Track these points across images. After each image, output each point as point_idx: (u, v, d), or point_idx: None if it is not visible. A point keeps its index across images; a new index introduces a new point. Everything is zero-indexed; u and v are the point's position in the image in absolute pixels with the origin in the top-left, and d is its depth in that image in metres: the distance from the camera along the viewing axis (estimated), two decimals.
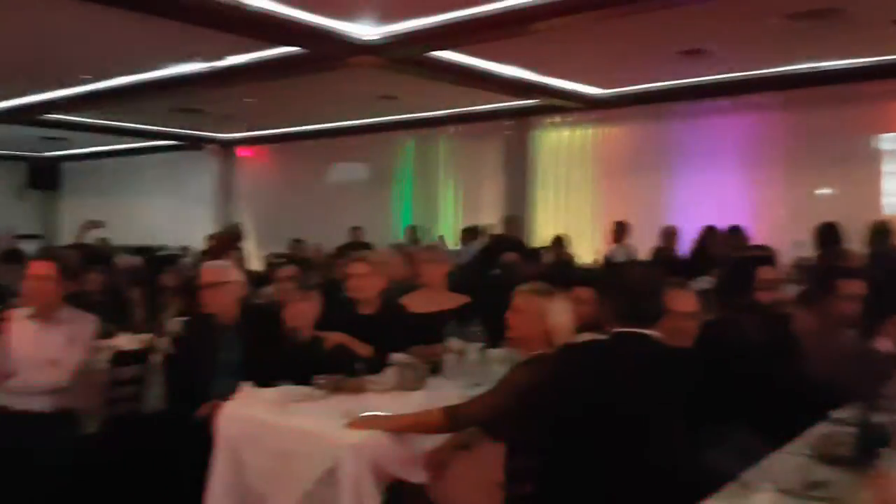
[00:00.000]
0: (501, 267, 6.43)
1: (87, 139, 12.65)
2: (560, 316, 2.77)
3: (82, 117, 10.41)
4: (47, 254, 4.69)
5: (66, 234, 13.48)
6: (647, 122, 9.11)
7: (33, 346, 3.56)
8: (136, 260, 6.90)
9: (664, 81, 8.19)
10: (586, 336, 2.84)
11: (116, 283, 5.85)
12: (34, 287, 3.63)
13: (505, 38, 6.19)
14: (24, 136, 12.00)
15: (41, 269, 3.65)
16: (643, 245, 7.73)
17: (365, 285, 3.92)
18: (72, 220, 14.01)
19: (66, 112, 9.77)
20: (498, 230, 9.02)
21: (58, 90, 8.60)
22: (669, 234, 7.65)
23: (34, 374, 3.53)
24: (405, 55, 6.71)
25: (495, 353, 3.57)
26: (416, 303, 4.13)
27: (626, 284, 2.49)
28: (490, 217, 9.78)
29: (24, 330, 3.58)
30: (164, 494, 3.37)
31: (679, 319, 2.72)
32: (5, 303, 3.67)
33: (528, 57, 7.17)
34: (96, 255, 7.25)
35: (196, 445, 3.06)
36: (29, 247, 8.60)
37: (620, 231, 8.08)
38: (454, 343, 3.58)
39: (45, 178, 14.70)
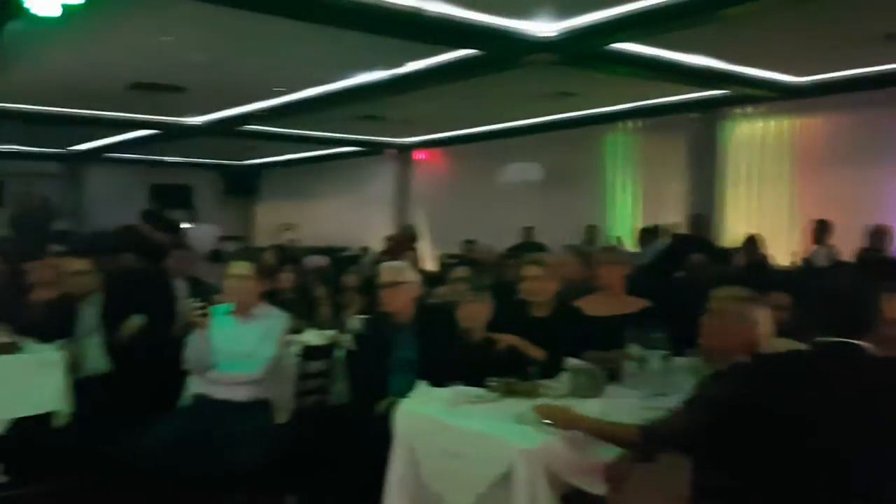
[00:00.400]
0: (686, 269, 6.10)
1: (280, 148, 13.61)
2: (761, 325, 2.53)
3: (276, 127, 11.18)
4: (246, 255, 5.05)
5: (262, 237, 14.61)
6: (849, 112, 8.27)
7: (232, 340, 3.83)
8: (323, 260, 7.28)
9: (868, 67, 7.43)
10: (783, 345, 2.58)
11: (305, 282, 6.20)
12: (234, 285, 3.91)
13: (692, 27, 5.86)
14: (225, 147, 13.12)
15: (240, 268, 3.93)
16: (846, 246, 7.04)
17: (539, 287, 3.85)
18: (267, 223, 15.17)
19: (262, 123, 10.54)
20: (681, 230, 8.60)
21: (254, 103, 9.30)
22: (879, 234, 6.90)
23: (232, 366, 3.80)
24: (583, 50, 6.55)
25: (679, 361, 3.35)
26: (593, 306, 3.99)
27: (833, 290, 2.22)
28: (672, 216, 9.33)
29: (223, 325, 3.87)
30: (347, 484, 3.50)
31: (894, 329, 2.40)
32: (208, 299, 3.97)
33: (716, 45, 6.75)
34: (288, 256, 7.75)
35: (376, 439, 3.14)
36: (230, 248, 9.40)
37: (821, 230, 7.38)
38: (634, 349, 3.41)
39: (243, 184, 15.99)
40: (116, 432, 4.10)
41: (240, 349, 3.83)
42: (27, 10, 3.86)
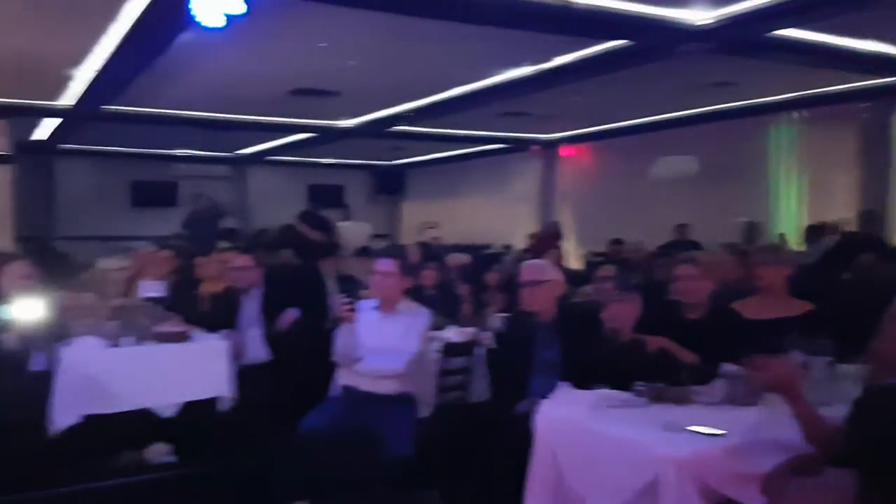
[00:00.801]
0: (855, 269, 5.61)
1: (425, 147, 13.89)
2: None
3: (422, 127, 11.40)
4: (391, 252, 5.18)
5: (408, 234, 14.96)
6: None
7: (377, 335, 3.94)
8: (465, 258, 7.33)
9: None
10: None
11: (447, 280, 6.28)
12: (379, 281, 4.02)
13: (861, 11, 5.37)
14: (373, 147, 13.56)
15: (385, 265, 4.04)
16: None
17: (692, 287, 3.67)
18: (413, 222, 15.51)
19: (409, 123, 10.78)
20: (850, 227, 7.92)
21: (403, 104, 9.53)
22: None
23: (377, 360, 3.90)
24: (743, 38, 6.17)
25: (846, 369, 3.06)
26: (751, 308, 3.73)
27: None
28: (840, 212, 8.61)
29: (369, 319, 3.98)
30: (486, 482, 3.49)
31: None
32: (356, 294, 4.11)
33: (889, 29, 6.15)
34: (431, 253, 7.87)
35: (516, 439, 3.10)
36: (378, 245, 9.68)
37: None
38: (796, 356, 3.15)
39: (391, 183, 16.46)
40: (275, 418, 4.34)
41: (384, 344, 3.92)
42: (197, 22, 4.14)
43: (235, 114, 10.13)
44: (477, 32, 5.97)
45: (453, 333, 4.73)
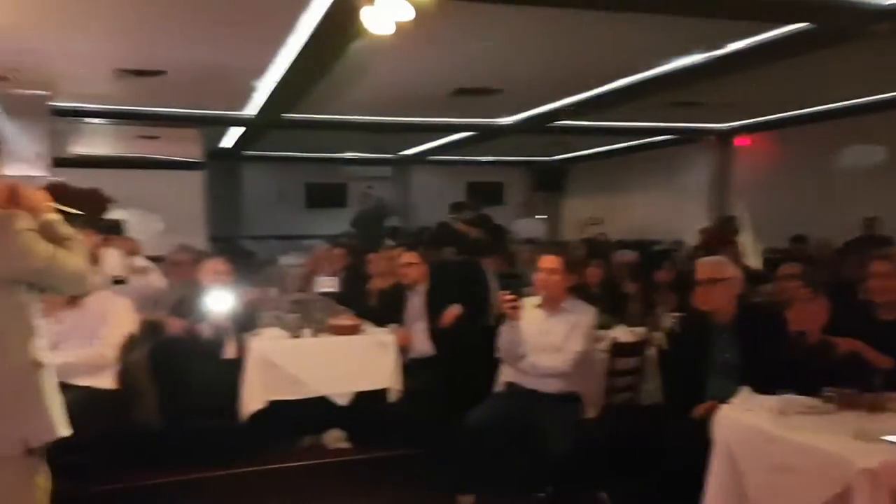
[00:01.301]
0: None
1: (587, 141, 13.63)
2: None
3: (585, 121, 11.19)
4: (555, 249, 5.14)
5: (569, 231, 14.78)
6: None
7: (540, 333, 3.93)
8: (632, 255, 7.13)
9: None
10: None
11: (614, 277, 6.14)
12: (543, 279, 4.01)
13: None
14: (533, 144, 13.51)
15: (550, 262, 4.01)
16: None
17: (888, 286, 3.36)
18: (574, 218, 15.30)
19: (571, 118, 10.62)
20: None
21: (564, 98, 9.41)
22: None
23: (540, 358, 3.89)
24: None
25: None
26: None
27: None
28: None
29: (533, 317, 3.98)
30: (660, 486, 3.38)
31: None
32: (520, 291, 4.12)
33: None
34: (596, 250, 7.73)
35: (692, 443, 2.99)
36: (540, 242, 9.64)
37: None
38: None
39: (551, 180, 16.32)
40: (439, 411, 4.46)
41: (547, 341, 3.90)
42: (367, 31, 4.32)
43: (399, 116, 10.46)
44: (643, 21, 5.78)
45: (622, 333, 4.61)
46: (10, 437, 2.11)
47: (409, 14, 4.04)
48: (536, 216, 14.43)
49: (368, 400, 4.69)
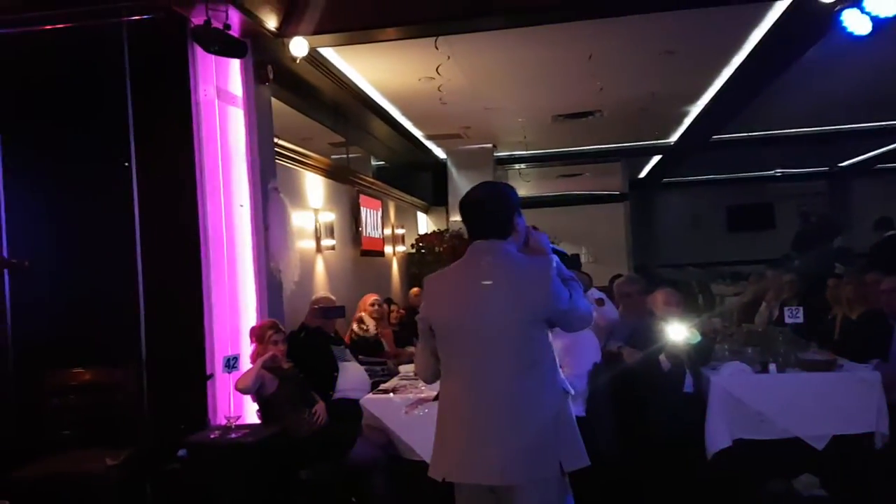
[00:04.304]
0: None
1: None
2: None
3: None
4: None
5: None
6: None
7: None
8: None
9: None
10: None
11: None
12: None
13: None
14: None
15: None
16: None
17: None
18: None
19: None
20: None
21: None
22: None
23: None
24: None
25: None
26: None
27: None
28: None
29: None
30: None
31: None
32: None
33: None
34: None
35: None
36: None
37: None
38: None
39: None
40: None
41: None
42: (843, 29, 3.91)
43: (839, 124, 9.39)
44: None
45: None
46: (550, 460, 2.30)
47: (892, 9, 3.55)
48: None
49: (849, 445, 4.16)
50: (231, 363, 4.03)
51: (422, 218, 10.61)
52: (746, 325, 5.76)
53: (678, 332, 4.51)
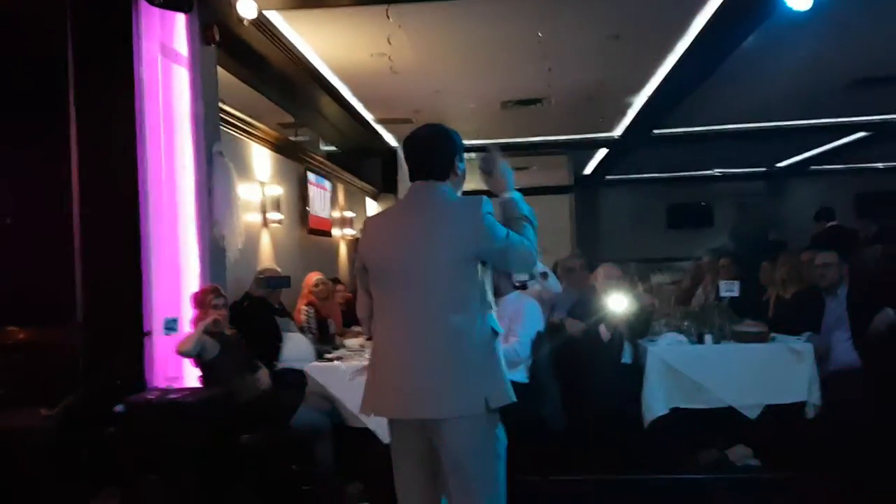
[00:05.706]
0: None
1: None
2: None
3: None
4: None
5: None
6: None
7: None
8: None
9: None
10: None
11: None
12: None
13: None
14: None
15: None
16: None
17: None
18: None
19: None
20: None
21: None
22: None
23: None
24: None
25: None
26: None
27: None
28: None
29: None
30: None
31: None
32: None
33: None
34: None
35: None
36: None
37: None
38: None
39: None
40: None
41: None
42: (782, 6, 4.01)
43: (778, 121, 9.67)
44: None
45: None
46: (477, 396, 2.34)
47: None
48: None
49: (781, 414, 4.29)
50: (170, 325, 3.95)
51: (371, 204, 10.55)
52: (684, 308, 5.87)
53: (618, 304, 4.60)
